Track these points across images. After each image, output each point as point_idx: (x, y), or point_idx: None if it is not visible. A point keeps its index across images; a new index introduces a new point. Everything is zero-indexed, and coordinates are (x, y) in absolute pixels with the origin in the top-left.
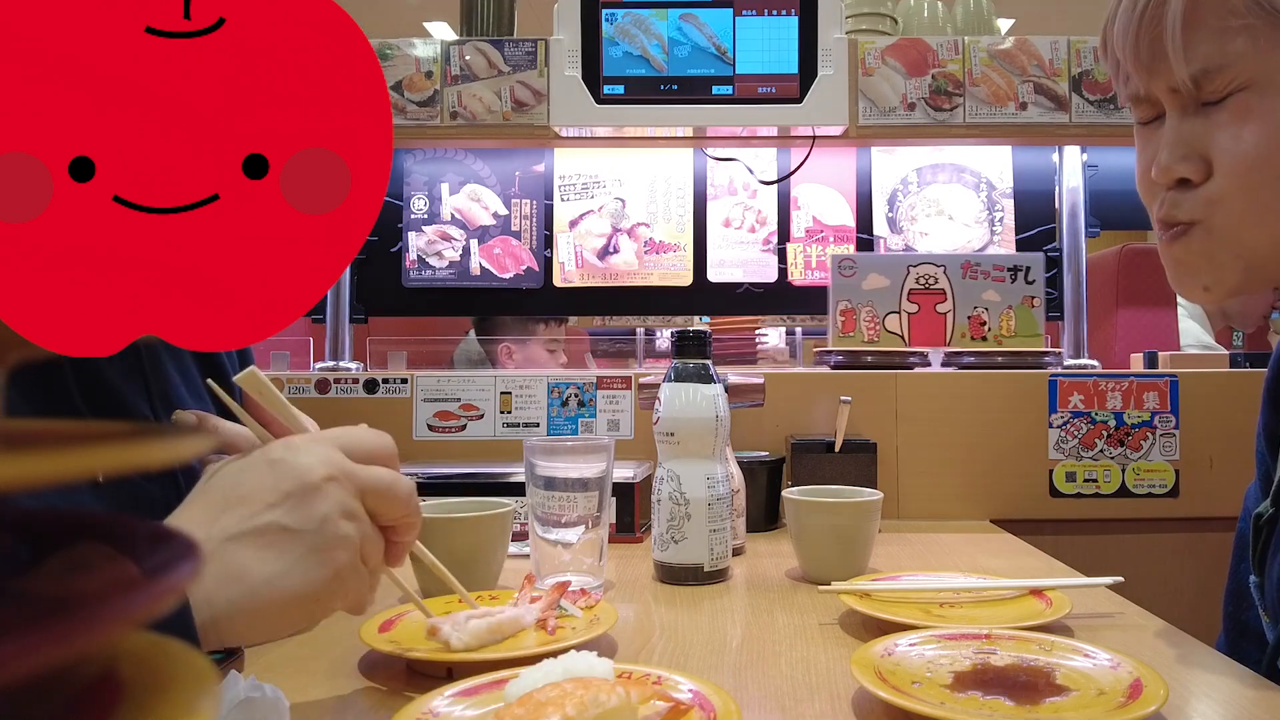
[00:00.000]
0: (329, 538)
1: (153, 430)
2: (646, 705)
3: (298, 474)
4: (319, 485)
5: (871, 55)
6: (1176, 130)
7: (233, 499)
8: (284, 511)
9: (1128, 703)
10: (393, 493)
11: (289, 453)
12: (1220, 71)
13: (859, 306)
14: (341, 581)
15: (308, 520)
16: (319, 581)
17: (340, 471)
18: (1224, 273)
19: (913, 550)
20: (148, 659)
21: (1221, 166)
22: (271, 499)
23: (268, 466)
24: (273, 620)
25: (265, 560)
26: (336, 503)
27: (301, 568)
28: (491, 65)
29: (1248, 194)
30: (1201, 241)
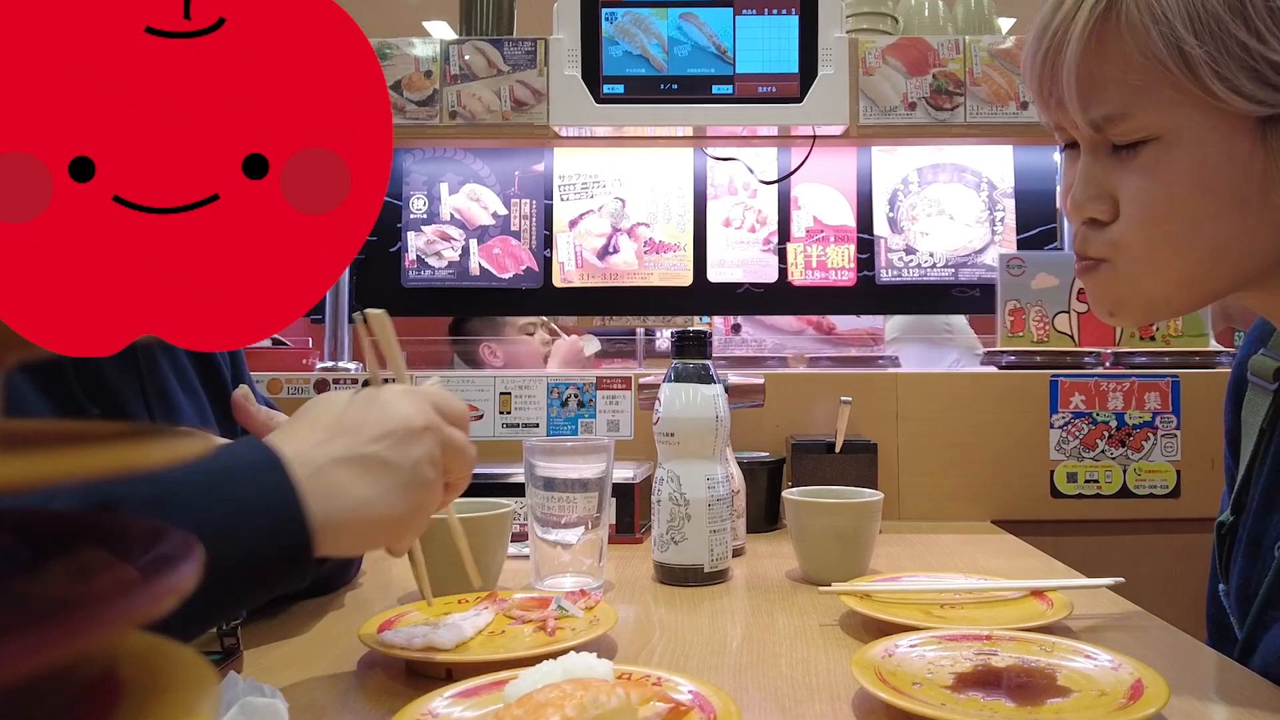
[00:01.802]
0: (417, 478)
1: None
2: (646, 706)
3: (402, 418)
4: (418, 432)
5: (872, 55)
6: (1089, 169)
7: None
8: (385, 447)
9: (1129, 704)
10: (466, 455)
11: (395, 398)
12: (1123, 119)
13: (1028, 306)
14: (414, 518)
15: (404, 459)
16: (402, 513)
17: (434, 424)
18: (1128, 306)
19: (913, 551)
20: (147, 660)
21: (1126, 214)
22: (376, 434)
23: (377, 406)
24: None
25: (363, 485)
26: (428, 450)
27: (391, 498)
28: (491, 65)
29: (1148, 244)
30: (1107, 278)
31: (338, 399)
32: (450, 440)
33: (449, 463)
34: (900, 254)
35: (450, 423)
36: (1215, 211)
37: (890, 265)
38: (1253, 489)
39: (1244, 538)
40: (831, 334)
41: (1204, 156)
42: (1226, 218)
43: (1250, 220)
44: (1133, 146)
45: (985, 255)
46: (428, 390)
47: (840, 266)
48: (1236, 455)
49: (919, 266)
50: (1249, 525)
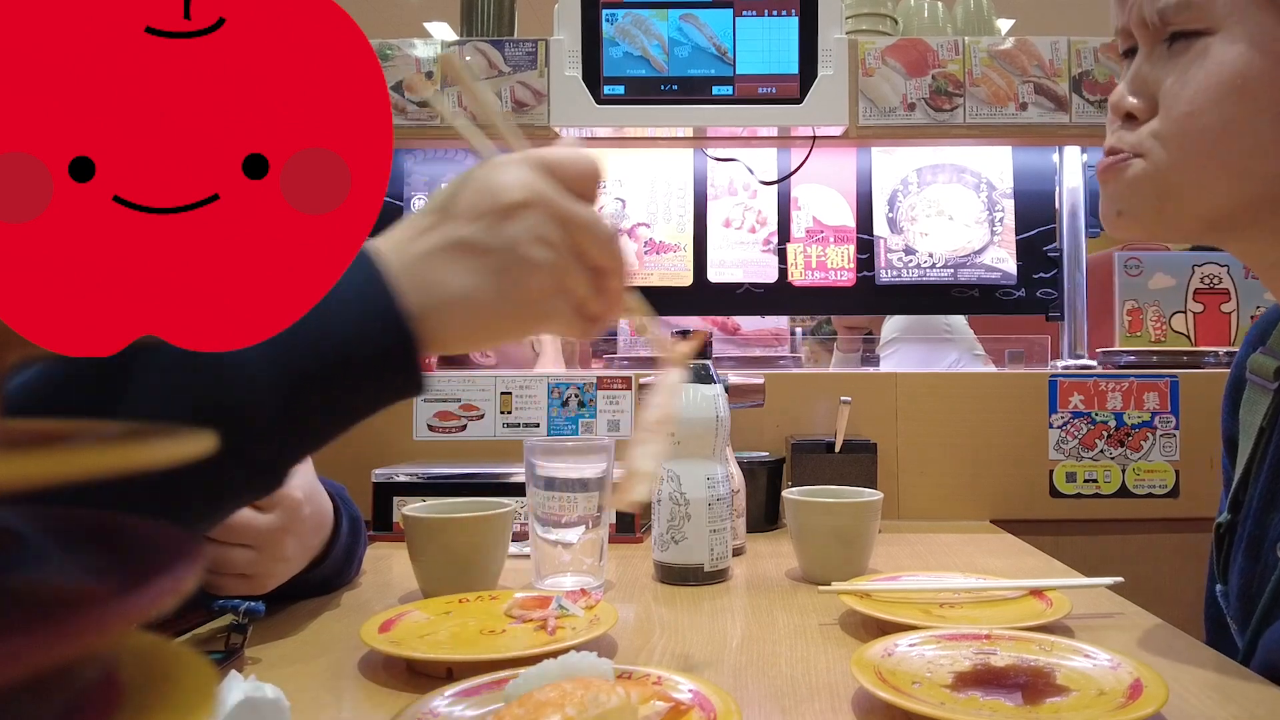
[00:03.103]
0: (519, 259)
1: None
2: (646, 705)
3: (495, 193)
4: (513, 208)
5: (872, 55)
6: (1138, 69)
7: (440, 214)
8: (477, 229)
9: (1128, 703)
10: (593, 229)
11: (492, 171)
12: (1187, 7)
13: (1145, 306)
14: (536, 303)
15: (499, 240)
16: (510, 299)
17: (538, 198)
18: (1140, 203)
19: (913, 550)
20: (148, 659)
21: (1163, 109)
22: (470, 216)
23: (473, 182)
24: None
25: (456, 274)
26: (529, 227)
27: (492, 285)
28: (492, 65)
29: (1179, 138)
30: (1130, 171)
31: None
32: (566, 214)
33: (577, 240)
34: (900, 254)
35: (572, 186)
36: (1250, 116)
37: (890, 265)
38: (1251, 488)
39: (1243, 537)
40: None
41: (1251, 59)
42: (1258, 126)
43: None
44: (1188, 39)
45: (984, 255)
46: (541, 153)
47: (840, 267)
48: (1234, 455)
49: (918, 267)
50: (1248, 525)
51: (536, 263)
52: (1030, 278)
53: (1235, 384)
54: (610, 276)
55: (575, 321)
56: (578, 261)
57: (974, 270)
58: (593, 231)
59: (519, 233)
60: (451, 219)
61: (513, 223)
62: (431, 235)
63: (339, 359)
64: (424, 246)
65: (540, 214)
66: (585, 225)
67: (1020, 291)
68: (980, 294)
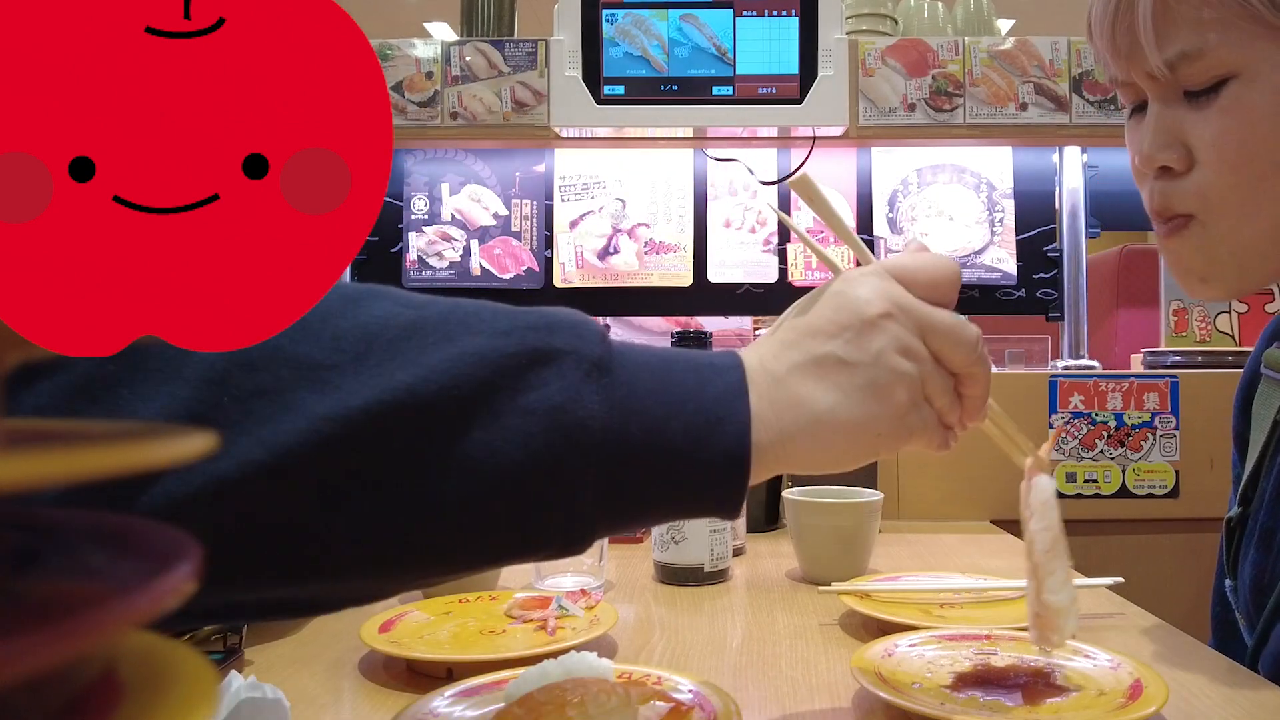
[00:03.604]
0: (884, 372)
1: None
2: (646, 706)
3: (855, 308)
4: (875, 320)
5: (872, 56)
6: (1159, 118)
7: (800, 333)
8: (840, 344)
9: (1128, 703)
10: (955, 335)
11: (848, 286)
12: (1199, 56)
13: (1191, 306)
14: (901, 418)
15: (863, 354)
16: (876, 415)
17: (897, 308)
18: (1221, 268)
19: (913, 551)
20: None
21: (1206, 161)
22: (831, 331)
23: (829, 300)
24: (834, 449)
25: (824, 390)
26: (893, 338)
27: (857, 399)
28: (492, 65)
29: (1236, 190)
30: (1198, 237)
31: (803, 302)
32: (927, 322)
33: (937, 348)
34: None
35: (928, 294)
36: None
37: None
38: (1263, 482)
39: (1255, 530)
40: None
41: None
42: None
43: None
44: (1209, 92)
45: (984, 256)
46: (891, 263)
47: None
48: (1244, 452)
49: None
50: (1261, 517)
51: (901, 374)
52: (1030, 278)
53: (1249, 380)
54: (972, 383)
55: (937, 432)
56: (940, 370)
57: (974, 270)
58: (954, 337)
59: (883, 345)
60: (812, 335)
61: (875, 335)
62: (793, 351)
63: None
64: (788, 362)
65: (902, 324)
66: (947, 332)
67: (1020, 292)
68: (980, 294)
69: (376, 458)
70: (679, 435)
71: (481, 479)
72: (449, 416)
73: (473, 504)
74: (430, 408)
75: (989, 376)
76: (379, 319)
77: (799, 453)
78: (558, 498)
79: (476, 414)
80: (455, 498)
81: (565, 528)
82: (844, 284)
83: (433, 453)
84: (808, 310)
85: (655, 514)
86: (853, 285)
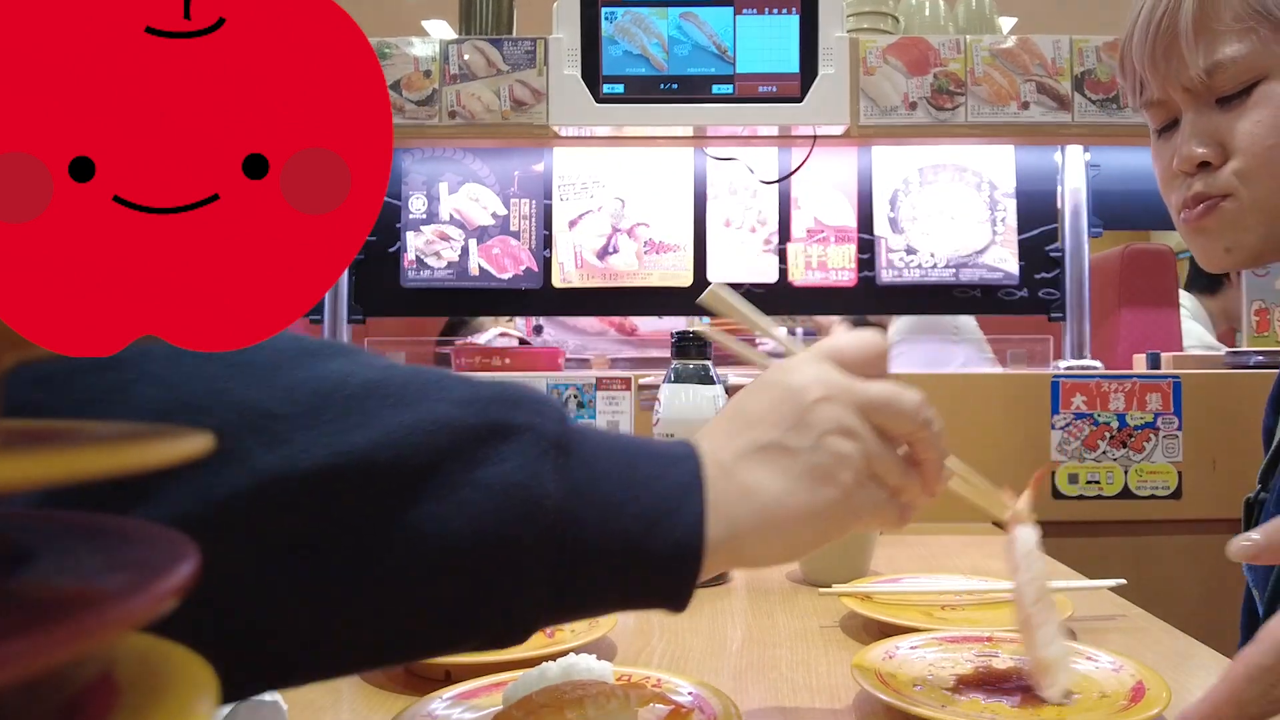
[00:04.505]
0: (827, 455)
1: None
2: (646, 708)
3: (792, 395)
4: (812, 405)
5: (873, 54)
6: (1194, 124)
7: (744, 422)
8: (782, 432)
9: (1130, 706)
10: (893, 406)
11: (784, 374)
12: (1231, 64)
13: (1272, 306)
14: (847, 499)
15: (804, 439)
16: (823, 499)
17: (833, 389)
18: (1247, 235)
19: (914, 552)
20: (146, 660)
21: (1241, 149)
22: (772, 420)
23: (767, 390)
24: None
25: (770, 477)
26: (832, 420)
27: (804, 485)
28: (490, 64)
29: (1271, 165)
30: (1232, 211)
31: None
32: (863, 399)
33: (879, 422)
34: (901, 254)
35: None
36: None
37: (891, 265)
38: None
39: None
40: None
41: None
42: None
43: None
44: (1240, 95)
45: (986, 255)
46: (820, 347)
47: (841, 267)
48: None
49: (920, 267)
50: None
51: (844, 455)
52: (1032, 278)
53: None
54: (924, 448)
55: (891, 510)
56: (885, 445)
57: (976, 270)
58: (893, 408)
59: (823, 429)
60: (754, 425)
61: (815, 420)
62: (738, 441)
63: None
64: (734, 452)
65: (840, 405)
66: (884, 404)
67: (1022, 292)
68: (982, 294)
69: (320, 522)
70: (633, 523)
71: (428, 554)
72: (401, 485)
73: (417, 580)
74: (383, 474)
75: (939, 439)
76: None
77: (749, 543)
78: (505, 580)
79: (429, 484)
80: (399, 572)
81: (508, 613)
82: (779, 373)
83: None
84: (747, 401)
85: (602, 603)
86: (788, 373)
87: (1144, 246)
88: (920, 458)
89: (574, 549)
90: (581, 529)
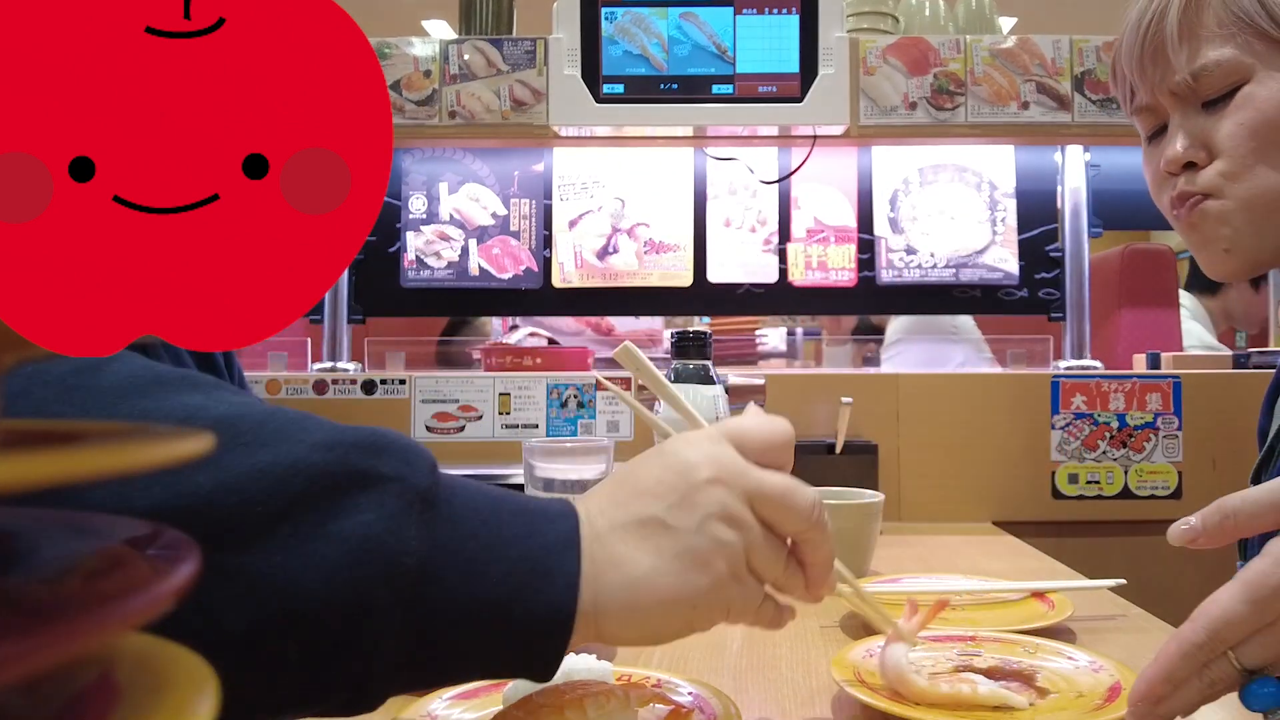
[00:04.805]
0: (705, 540)
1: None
2: (646, 708)
3: (683, 471)
4: (701, 485)
5: (873, 54)
6: (1181, 126)
7: (630, 490)
8: (664, 507)
9: (1104, 705)
10: (784, 501)
11: (680, 447)
12: (1215, 67)
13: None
14: (719, 590)
15: (686, 520)
16: (693, 585)
17: (727, 473)
18: (1240, 235)
19: (914, 552)
20: (146, 660)
21: (1224, 149)
22: (657, 493)
23: (660, 460)
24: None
25: (643, 553)
26: (718, 504)
27: (676, 567)
28: (490, 64)
29: (1253, 155)
30: (1217, 209)
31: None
32: (756, 489)
33: (767, 515)
34: (901, 254)
35: (760, 458)
36: None
37: (891, 265)
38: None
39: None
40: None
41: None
42: None
43: None
44: (1224, 98)
45: (986, 255)
46: (726, 425)
47: (841, 267)
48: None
49: (920, 267)
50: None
51: (723, 543)
52: (1032, 278)
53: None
54: (811, 549)
55: (765, 609)
56: (770, 540)
57: (976, 270)
58: (784, 503)
59: (707, 512)
60: (638, 495)
61: (700, 501)
62: (619, 510)
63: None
64: (612, 520)
65: (729, 490)
66: (777, 498)
67: (1022, 292)
68: (982, 294)
69: None
70: (498, 585)
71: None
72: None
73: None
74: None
75: (829, 543)
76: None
77: (609, 619)
78: (358, 641)
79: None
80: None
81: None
82: (676, 444)
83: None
84: (638, 469)
85: (461, 671)
86: (684, 447)
87: (1144, 246)
88: (807, 559)
89: (434, 611)
90: (443, 589)
